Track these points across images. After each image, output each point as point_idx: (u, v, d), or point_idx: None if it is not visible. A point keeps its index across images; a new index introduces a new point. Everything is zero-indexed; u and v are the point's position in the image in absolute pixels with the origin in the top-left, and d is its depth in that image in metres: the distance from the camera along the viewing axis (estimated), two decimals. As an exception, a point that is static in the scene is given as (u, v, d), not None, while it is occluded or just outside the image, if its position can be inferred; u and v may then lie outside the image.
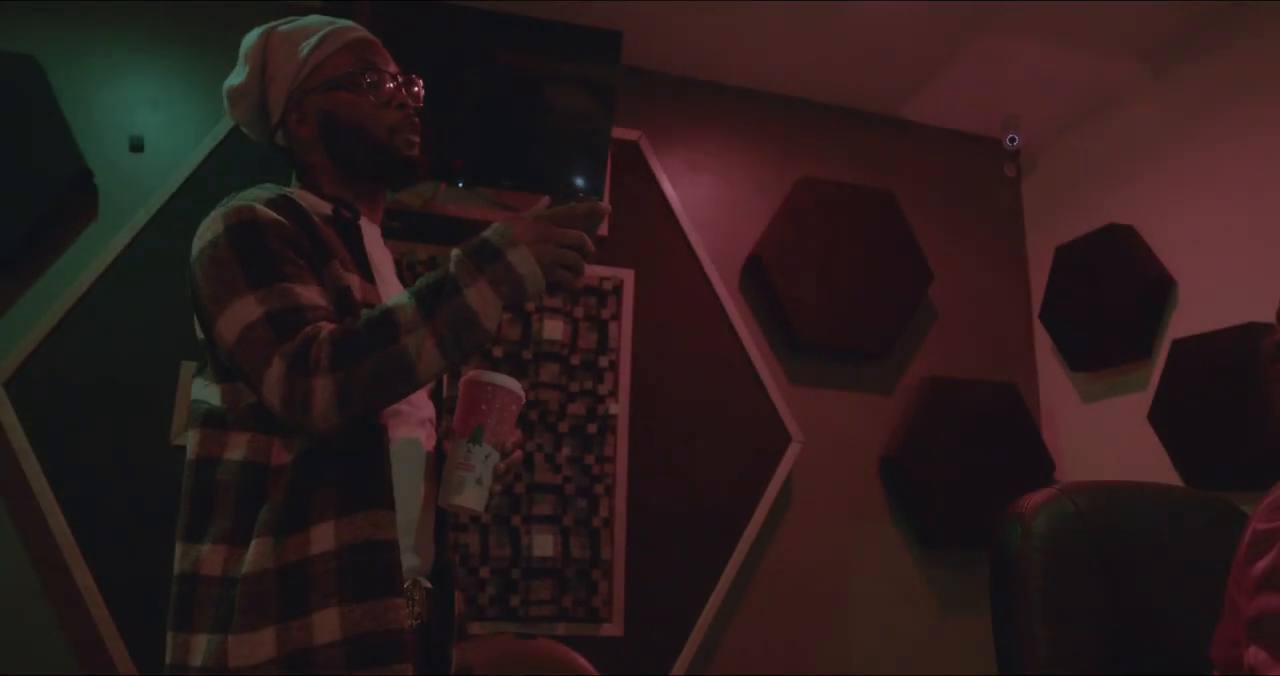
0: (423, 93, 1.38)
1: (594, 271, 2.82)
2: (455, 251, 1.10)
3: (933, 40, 2.90)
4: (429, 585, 1.25)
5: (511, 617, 2.53)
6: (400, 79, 1.34)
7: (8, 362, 2.30)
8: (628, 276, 2.86)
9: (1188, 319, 2.72)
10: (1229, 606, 1.21)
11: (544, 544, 2.57)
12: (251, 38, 1.33)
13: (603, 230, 2.88)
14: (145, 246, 2.46)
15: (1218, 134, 2.71)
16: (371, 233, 1.34)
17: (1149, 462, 2.75)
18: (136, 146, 2.54)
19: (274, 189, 1.21)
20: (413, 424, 1.24)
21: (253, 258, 1.10)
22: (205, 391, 1.16)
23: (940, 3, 2.69)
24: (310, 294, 1.11)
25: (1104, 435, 3.02)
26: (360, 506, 1.08)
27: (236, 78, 1.33)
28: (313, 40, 1.30)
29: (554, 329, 2.71)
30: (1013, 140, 3.20)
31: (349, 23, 1.36)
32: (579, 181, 2.73)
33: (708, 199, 3.09)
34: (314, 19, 1.34)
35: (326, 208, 1.27)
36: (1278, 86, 2.52)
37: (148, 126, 2.57)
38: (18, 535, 2.25)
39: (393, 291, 1.30)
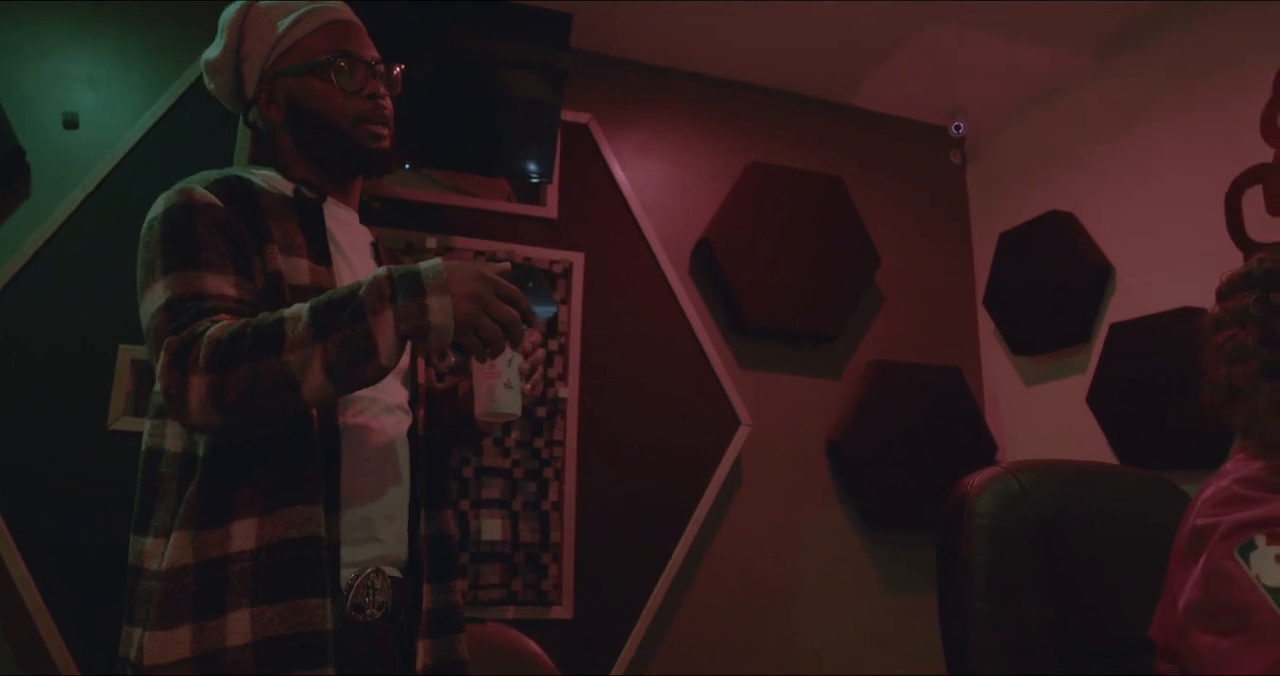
0: (400, 80, 1.35)
1: (543, 254, 2.81)
2: (380, 270, 1.05)
3: (883, 28, 2.92)
4: (397, 574, 1.23)
5: (460, 602, 2.51)
6: (375, 67, 1.31)
7: (-65, 345, 2.22)
8: (577, 260, 2.85)
9: (1125, 304, 2.79)
10: (1168, 593, 1.22)
11: (493, 528, 2.57)
12: (231, 11, 1.30)
13: (552, 214, 2.87)
14: (80, 225, 2.39)
15: (1154, 124, 2.77)
16: (340, 214, 1.32)
17: (1087, 443, 2.82)
18: (71, 123, 2.46)
19: (229, 170, 1.20)
20: (377, 411, 1.22)
21: (173, 243, 1.10)
22: None
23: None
24: (220, 282, 1.09)
25: (1045, 417, 3.09)
26: (282, 503, 1.06)
27: (214, 51, 1.31)
28: (289, 19, 1.27)
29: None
30: (958, 128, 3.24)
31: (332, 2, 1.33)
32: (530, 166, 2.71)
33: (658, 182, 3.09)
34: None
35: (289, 189, 1.25)
36: (1211, 78, 2.59)
37: (83, 103, 2.49)
38: (-53, 523, 2.18)
39: (362, 273, 1.28)
